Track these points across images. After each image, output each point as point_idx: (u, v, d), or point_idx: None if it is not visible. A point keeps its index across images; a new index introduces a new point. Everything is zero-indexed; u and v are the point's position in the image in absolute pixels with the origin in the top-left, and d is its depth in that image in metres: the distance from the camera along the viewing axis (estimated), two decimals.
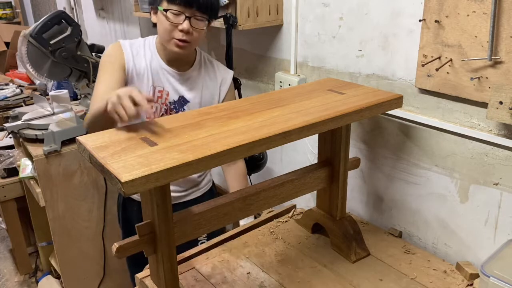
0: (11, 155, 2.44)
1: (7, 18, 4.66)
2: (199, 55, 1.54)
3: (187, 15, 1.34)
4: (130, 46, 1.46)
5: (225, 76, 1.57)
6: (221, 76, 1.56)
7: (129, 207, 1.70)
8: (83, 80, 2.21)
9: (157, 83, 1.47)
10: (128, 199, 1.68)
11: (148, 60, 1.46)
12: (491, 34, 1.09)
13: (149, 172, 0.84)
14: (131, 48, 1.46)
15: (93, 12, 3.25)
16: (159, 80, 1.47)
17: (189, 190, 1.66)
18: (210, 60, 1.57)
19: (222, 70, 1.58)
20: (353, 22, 1.44)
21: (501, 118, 1.09)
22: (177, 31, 1.36)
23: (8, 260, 2.89)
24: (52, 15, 2.04)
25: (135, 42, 1.49)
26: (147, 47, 1.48)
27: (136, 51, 1.46)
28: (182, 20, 1.34)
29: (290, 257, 1.35)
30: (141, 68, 1.45)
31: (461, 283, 1.23)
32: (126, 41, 1.48)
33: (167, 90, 1.48)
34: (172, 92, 1.49)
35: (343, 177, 1.35)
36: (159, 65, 1.47)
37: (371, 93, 1.27)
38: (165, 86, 1.48)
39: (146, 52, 1.47)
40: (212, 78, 1.55)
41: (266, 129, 1.02)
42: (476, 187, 1.25)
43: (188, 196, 1.66)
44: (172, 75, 1.48)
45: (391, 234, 1.46)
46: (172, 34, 1.36)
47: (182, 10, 1.34)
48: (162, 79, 1.47)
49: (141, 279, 1.21)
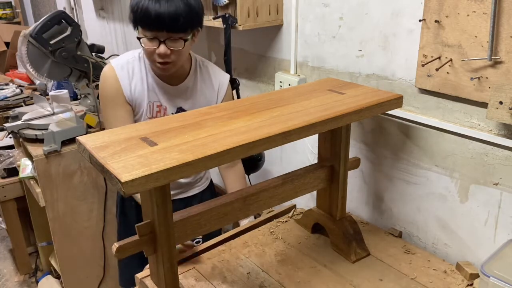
0: (11, 155, 2.44)
1: (7, 18, 4.66)
2: (194, 63, 1.52)
3: (160, 40, 1.32)
4: (126, 69, 1.45)
5: (222, 80, 1.56)
6: (217, 81, 1.55)
7: (127, 202, 1.71)
8: (83, 80, 2.21)
9: (154, 99, 1.48)
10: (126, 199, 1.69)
11: (144, 78, 1.46)
12: (491, 34, 1.09)
13: (149, 172, 0.84)
14: (127, 70, 1.45)
15: (93, 12, 3.25)
16: (155, 96, 1.47)
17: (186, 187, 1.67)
18: (205, 65, 1.55)
19: (218, 75, 1.56)
20: (353, 22, 1.44)
21: (501, 118, 1.09)
22: (155, 55, 1.35)
23: (8, 260, 2.89)
24: (52, 15, 2.04)
25: (128, 60, 1.46)
26: (142, 63, 1.47)
27: (132, 72, 1.45)
28: (157, 44, 1.33)
29: (290, 257, 1.35)
30: (139, 89, 1.46)
31: (461, 283, 1.23)
32: (119, 63, 1.45)
33: (165, 105, 1.49)
34: (170, 106, 1.49)
35: (343, 177, 1.35)
36: (154, 81, 1.47)
37: (371, 93, 1.27)
38: (162, 101, 1.48)
39: (141, 69, 1.46)
40: (208, 84, 1.54)
41: (266, 129, 1.02)
42: (476, 187, 1.25)
43: (186, 193, 1.67)
44: (168, 89, 1.48)
45: (391, 234, 1.45)
46: (153, 57, 1.36)
47: (155, 35, 1.32)
48: (158, 94, 1.48)
49: (141, 279, 1.21)
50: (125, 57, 1.48)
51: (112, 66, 1.45)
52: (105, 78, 1.46)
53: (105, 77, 1.46)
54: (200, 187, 1.72)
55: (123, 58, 1.48)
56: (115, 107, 1.45)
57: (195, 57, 1.54)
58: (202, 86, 1.53)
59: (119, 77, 1.44)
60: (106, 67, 1.47)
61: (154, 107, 1.48)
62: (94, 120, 2.12)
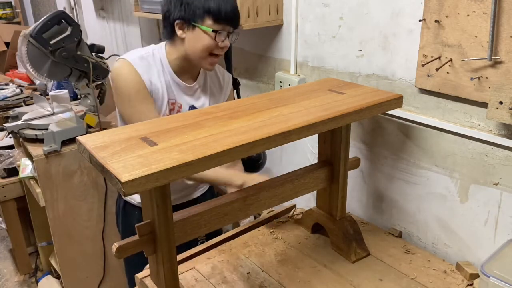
0: (11, 155, 2.44)
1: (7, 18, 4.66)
2: None
3: (229, 32, 1.37)
4: (140, 61, 1.40)
5: (227, 79, 1.60)
6: (223, 80, 1.58)
7: (130, 212, 1.66)
8: (83, 80, 2.20)
9: (170, 96, 1.45)
10: (129, 204, 1.65)
11: (161, 74, 1.43)
12: (491, 34, 1.09)
13: (149, 172, 0.84)
14: (142, 63, 1.40)
15: (93, 12, 3.25)
16: (172, 93, 1.45)
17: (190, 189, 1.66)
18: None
19: (223, 73, 1.60)
20: (353, 22, 1.44)
21: (501, 118, 1.09)
22: (217, 48, 1.37)
23: (8, 260, 2.89)
24: (52, 15, 2.03)
25: (143, 55, 1.42)
26: (157, 59, 1.43)
27: (148, 66, 1.41)
28: (225, 37, 1.37)
29: (290, 257, 1.35)
30: (155, 83, 1.41)
31: (461, 283, 1.23)
32: (134, 58, 1.40)
33: (180, 102, 1.48)
34: (184, 104, 1.49)
35: (343, 177, 1.35)
36: (171, 78, 1.45)
37: (371, 93, 1.27)
38: (177, 99, 1.47)
39: (157, 65, 1.43)
40: (216, 83, 1.57)
41: (266, 129, 1.02)
42: (476, 187, 1.25)
43: (188, 197, 1.66)
44: (182, 88, 1.47)
45: (391, 234, 1.46)
46: (212, 51, 1.37)
47: (225, 28, 1.36)
48: (174, 91, 1.46)
49: (141, 279, 1.21)
50: (137, 53, 1.43)
51: (128, 60, 1.38)
52: (122, 74, 1.38)
53: (122, 72, 1.38)
54: (202, 189, 1.72)
55: (136, 53, 1.42)
56: (142, 101, 1.38)
57: None
58: (211, 85, 1.55)
59: (136, 67, 1.38)
60: (119, 62, 1.39)
61: (169, 105, 1.46)
62: (94, 120, 2.12)
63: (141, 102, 1.38)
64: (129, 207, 1.66)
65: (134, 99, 1.38)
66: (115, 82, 1.40)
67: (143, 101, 1.39)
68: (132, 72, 1.37)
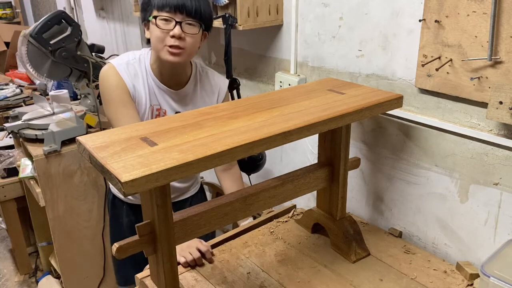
0: (11, 155, 2.44)
1: (7, 18, 4.65)
2: (194, 69, 1.52)
3: (177, 21, 1.32)
4: (127, 66, 1.43)
5: (222, 86, 1.56)
6: (217, 87, 1.55)
7: (118, 207, 1.71)
8: (83, 80, 2.21)
9: (154, 102, 1.46)
10: (117, 199, 1.69)
11: (145, 79, 1.44)
12: (491, 34, 1.09)
13: (149, 172, 0.84)
14: (128, 69, 1.43)
15: (93, 12, 3.25)
16: (155, 99, 1.46)
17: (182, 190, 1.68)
18: (205, 71, 1.55)
19: (217, 81, 1.56)
20: (353, 22, 1.44)
21: (501, 118, 1.09)
22: (168, 37, 1.33)
23: (8, 260, 2.89)
24: (52, 15, 2.04)
25: (130, 61, 1.45)
26: (142, 65, 1.45)
27: (133, 71, 1.43)
28: (173, 26, 1.32)
29: (290, 257, 1.35)
30: (139, 89, 1.44)
31: (461, 283, 1.23)
32: (121, 63, 1.43)
33: (164, 108, 1.48)
34: (169, 110, 1.48)
35: (343, 177, 1.35)
36: (154, 83, 1.46)
37: (371, 93, 1.27)
38: (162, 105, 1.47)
39: (142, 71, 1.45)
40: (209, 91, 1.54)
41: (266, 129, 1.02)
42: (476, 187, 1.25)
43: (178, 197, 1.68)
44: (168, 93, 1.47)
45: (391, 234, 1.46)
46: (164, 41, 1.34)
47: (172, 16, 1.32)
48: (158, 97, 1.46)
49: (141, 279, 1.21)
50: (125, 58, 1.46)
51: (113, 65, 1.42)
52: (106, 77, 1.42)
53: (107, 76, 1.42)
54: (192, 191, 1.73)
55: (123, 59, 1.46)
56: (124, 105, 1.41)
57: (195, 63, 1.54)
58: (202, 93, 1.53)
59: (122, 75, 1.41)
60: (106, 66, 1.44)
61: (154, 111, 1.47)
62: (94, 120, 2.12)
63: (123, 106, 1.42)
64: (117, 202, 1.70)
65: (116, 103, 1.42)
66: (100, 85, 1.45)
67: (125, 105, 1.42)
68: (116, 77, 1.41)
